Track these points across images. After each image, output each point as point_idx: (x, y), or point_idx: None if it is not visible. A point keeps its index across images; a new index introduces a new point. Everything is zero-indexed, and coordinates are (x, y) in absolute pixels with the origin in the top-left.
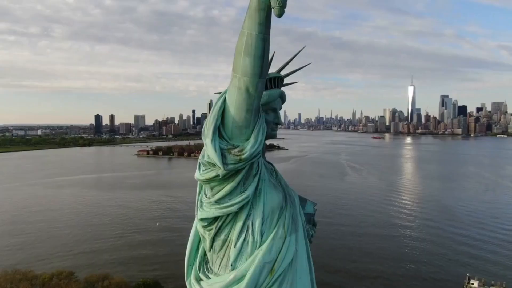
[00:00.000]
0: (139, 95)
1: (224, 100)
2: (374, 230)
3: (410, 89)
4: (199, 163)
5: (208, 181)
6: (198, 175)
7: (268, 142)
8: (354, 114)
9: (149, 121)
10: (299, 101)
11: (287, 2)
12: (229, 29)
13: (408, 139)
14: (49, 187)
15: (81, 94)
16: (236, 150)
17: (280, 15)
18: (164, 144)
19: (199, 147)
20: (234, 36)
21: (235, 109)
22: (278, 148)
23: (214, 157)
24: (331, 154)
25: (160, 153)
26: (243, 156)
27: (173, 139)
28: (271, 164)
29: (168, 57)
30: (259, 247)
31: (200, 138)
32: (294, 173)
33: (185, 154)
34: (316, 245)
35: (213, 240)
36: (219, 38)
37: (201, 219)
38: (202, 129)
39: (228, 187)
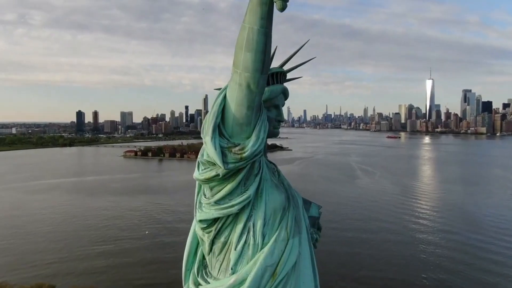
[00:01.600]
0: (126, 90)
1: (225, 96)
2: (388, 238)
3: (429, 83)
4: (198, 162)
5: (208, 180)
6: (197, 174)
7: (270, 142)
8: (366, 110)
9: (137, 119)
10: (305, 96)
11: None
12: (227, 16)
13: (426, 139)
14: (25, 192)
15: (61, 88)
16: (237, 148)
17: (282, 9)
18: (154, 144)
19: (193, 148)
20: (232, 24)
21: (235, 106)
22: (281, 148)
23: (214, 156)
24: (340, 156)
25: (150, 154)
26: (244, 155)
27: (163, 138)
28: (273, 164)
29: (158, 47)
30: (261, 249)
31: (194, 138)
32: (298, 176)
33: (177, 155)
34: (325, 254)
35: (212, 243)
36: (217, 26)
37: (200, 221)
38: (202, 127)
39: (228, 187)
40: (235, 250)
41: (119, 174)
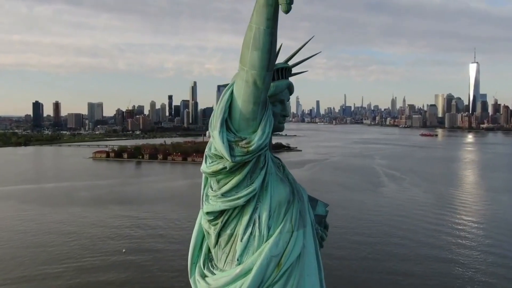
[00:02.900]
0: (94, 75)
1: (231, 92)
2: (419, 256)
3: (473, 68)
4: (206, 155)
5: (215, 173)
6: (205, 167)
7: (274, 141)
8: (394, 102)
9: (109, 111)
10: (318, 83)
11: None
12: None
13: (469, 137)
14: None
15: (13, 74)
16: (244, 142)
17: (287, 11)
18: (130, 143)
19: (179, 148)
20: None
21: (242, 102)
22: (288, 148)
23: (222, 149)
24: (361, 158)
25: (125, 155)
26: (250, 148)
27: (142, 136)
28: (278, 159)
29: (136, 23)
30: (266, 241)
31: (180, 135)
32: (309, 182)
33: (159, 156)
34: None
35: (218, 235)
36: None
37: (207, 213)
38: (209, 122)
39: (235, 180)
40: (241, 241)
41: (87, 180)
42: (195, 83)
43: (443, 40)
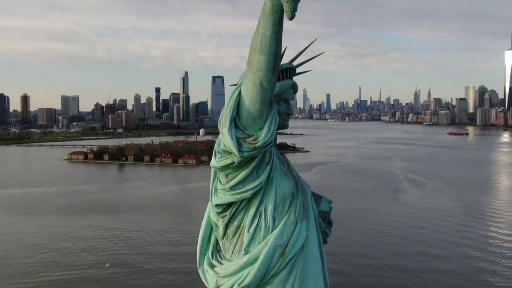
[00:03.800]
0: (69, 65)
1: (239, 92)
2: (444, 273)
3: (509, 55)
4: (215, 151)
5: (224, 168)
6: (214, 162)
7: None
8: (417, 95)
9: (86, 106)
10: (329, 74)
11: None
12: None
13: (505, 136)
14: None
15: None
16: (251, 138)
17: (291, 18)
18: (112, 143)
19: (168, 148)
20: None
21: (249, 102)
22: (294, 149)
23: (231, 145)
24: (378, 160)
25: (106, 157)
26: (257, 144)
27: (125, 134)
28: (283, 155)
29: (117, 2)
30: (272, 231)
31: (169, 134)
32: (317, 188)
33: (146, 158)
34: None
35: (226, 227)
36: None
37: (216, 205)
38: (219, 119)
39: (242, 174)
40: (248, 232)
41: (62, 185)
42: (186, 73)
43: (476, 23)
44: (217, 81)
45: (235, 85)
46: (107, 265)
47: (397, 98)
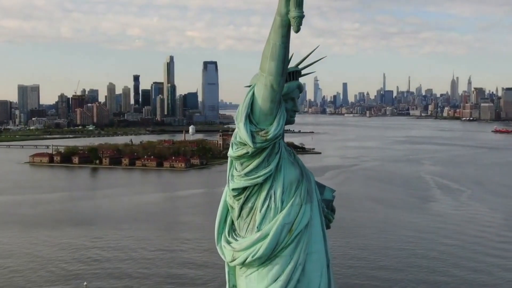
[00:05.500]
0: (27, 47)
1: (253, 93)
2: None
3: None
4: (232, 142)
5: (239, 157)
6: (231, 152)
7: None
8: (454, 84)
9: (49, 98)
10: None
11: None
12: None
13: None
14: None
15: None
16: (263, 132)
17: (297, 31)
18: (82, 143)
19: (151, 149)
20: None
21: (261, 101)
22: (303, 150)
23: (246, 138)
24: (405, 163)
25: (76, 159)
26: (268, 137)
27: (97, 132)
28: (290, 147)
29: None
30: (280, 211)
31: (153, 132)
32: None
33: (125, 161)
34: None
35: (241, 208)
36: None
37: (233, 189)
38: (236, 115)
39: (255, 162)
40: (260, 212)
41: (24, 194)
42: (171, 58)
43: None
44: (209, 67)
45: (248, 86)
46: (85, 284)
47: (430, 88)
